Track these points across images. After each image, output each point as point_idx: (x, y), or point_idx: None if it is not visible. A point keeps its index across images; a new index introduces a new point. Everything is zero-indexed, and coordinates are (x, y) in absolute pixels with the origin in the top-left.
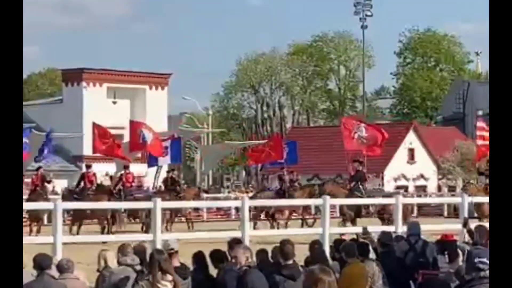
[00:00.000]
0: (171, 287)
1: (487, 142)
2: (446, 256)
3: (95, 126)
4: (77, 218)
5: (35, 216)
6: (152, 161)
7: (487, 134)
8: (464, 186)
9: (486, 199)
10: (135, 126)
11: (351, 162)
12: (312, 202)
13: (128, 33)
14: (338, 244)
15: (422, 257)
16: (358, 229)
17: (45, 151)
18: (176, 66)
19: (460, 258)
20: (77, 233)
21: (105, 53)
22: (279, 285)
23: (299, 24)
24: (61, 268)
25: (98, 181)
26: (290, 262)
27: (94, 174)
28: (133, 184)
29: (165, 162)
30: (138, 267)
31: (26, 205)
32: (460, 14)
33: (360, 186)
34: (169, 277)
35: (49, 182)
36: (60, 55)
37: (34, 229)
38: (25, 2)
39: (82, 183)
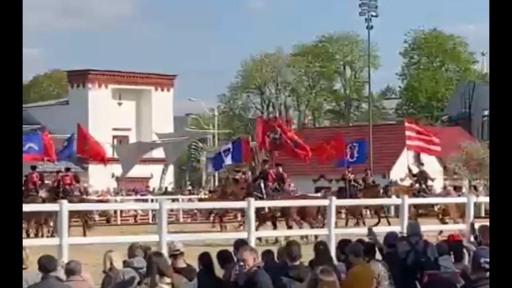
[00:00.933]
0: None
1: (416, 143)
2: (452, 256)
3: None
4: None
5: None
6: (217, 163)
7: (413, 134)
8: (387, 186)
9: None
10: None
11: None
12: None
13: (133, 35)
14: (343, 245)
15: (423, 257)
16: (364, 230)
17: (65, 154)
18: (182, 67)
19: (466, 258)
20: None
21: (110, 54)
22: (286, 287)
23: (304, 24)
24: (69, 271)
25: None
26: (297, 263)
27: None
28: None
29: (228, 162)
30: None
31: (29, 207)
32: (465, 14)
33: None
34: (167, 279)
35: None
36: (65, 57)
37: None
38: (29, 6)
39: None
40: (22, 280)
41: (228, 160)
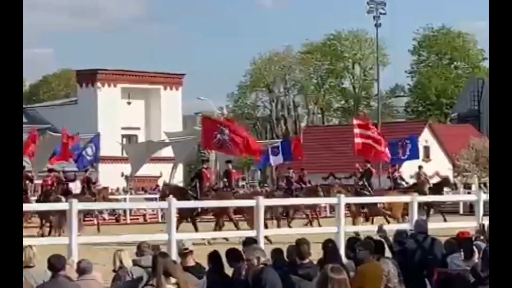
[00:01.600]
0: None
1: (364, 140)
2: (462, 253)
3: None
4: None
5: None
6: (265, 160)
7: (362, 131)
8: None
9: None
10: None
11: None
12: (325, 201)
13: (142, 34)
14: (352, 242)
15: (430, 254)
16: (374, 228)
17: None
18: (190, 66)
19: (476, 255)
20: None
21: (119, 54)
22: (295, 285)
23: (312, 23)
24: (81, 270)
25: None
26: (306, 261)
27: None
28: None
29: (278, 160)
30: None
31: (40, 206)
32: (474, 11)
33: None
34: (173, 280)
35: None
36: (74, 57)
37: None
38: (44, 6)
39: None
40: (26, 279)
41: (278, 159)
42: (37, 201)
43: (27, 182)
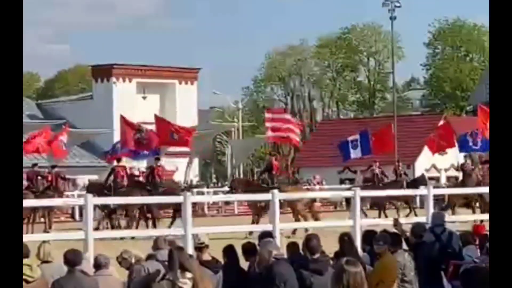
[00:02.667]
0: (190, 284)
1: (275, 134)
2: (477, 247)
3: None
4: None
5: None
6: (345, 155)
7: (273, 124)
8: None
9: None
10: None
11: None
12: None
13: (157, 30)
14: (368, 236)
15: (448, 247)
16: (389, 221)
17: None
18: (206, 60)
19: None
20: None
21: (135, 50)
22: (306, 280)
23: (328, 16)
24: (98, 265)
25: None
26: (317, 256)
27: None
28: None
29: (357, 154)
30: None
31: (56, 201)
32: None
33: None
34: (189, 274)
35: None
36: (90, 52)
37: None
38: (56, 3)
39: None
40: (43, 274)
41: (357, 153)
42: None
43: (59, 180)
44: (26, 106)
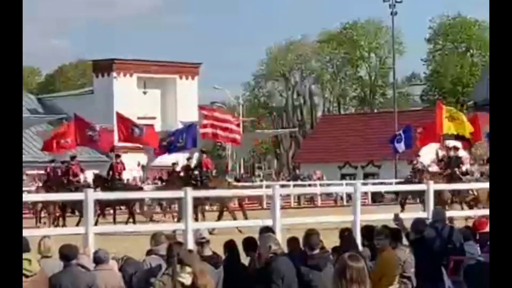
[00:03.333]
0: (190, 279)
1: (211, 130)
2: (477, 243)
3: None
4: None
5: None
6: (408, 144)
7: (210, 122)
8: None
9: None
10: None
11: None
12: (342, 189)
13: (158, 25)
14: (367, 231)
15: (449, 243)
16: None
17: (188, 144)
18: (206, 55)
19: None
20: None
21: (136, 44)
22: (304, 276)
23: (328, 12)
24: (98, 260)
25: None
26: (316, 252)
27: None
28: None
29: (401, 148)
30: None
31: (59, 196)
32: None
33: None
34: (188, 269)
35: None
36: (90, 47)
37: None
38: None
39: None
40: (43, 269)
41: (401, 146)
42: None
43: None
44: (27, 101)
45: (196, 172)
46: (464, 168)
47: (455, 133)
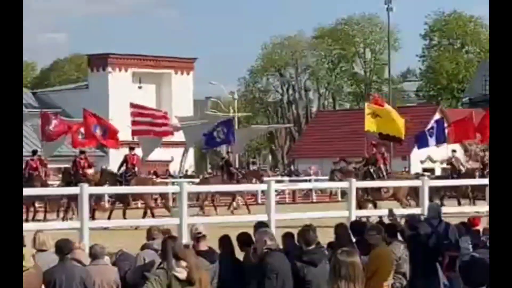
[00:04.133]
0: (185, 273)
1: (140, 127)
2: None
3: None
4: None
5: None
6: (421, 142)
7: (138, 119)
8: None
9: None
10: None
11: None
12: (335, 185)
13: (153, 19)
14: (355, 226)
15: (445, 239)
16: (383, 212)
17: (230, 138)
18: (201, 51)
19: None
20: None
21: (132, 39)
22: (299, 271)
23: (324, 7)
24: (94, 255)
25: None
26: (312, 247)
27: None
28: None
29: (432, 142)
30: None
31: (49, 190)
32: None
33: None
34: (183, 263)
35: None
36: (87, 41)
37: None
38: None
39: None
40: (38, 262)
41: (432, 141)
42: None
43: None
44: (22, 95)
45: (123, 169)
46: (381, 166)
47: (376, 131)
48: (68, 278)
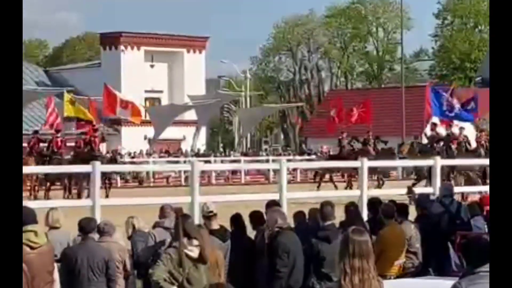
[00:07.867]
0: (197, 252)
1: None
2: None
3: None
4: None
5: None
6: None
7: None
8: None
9: None
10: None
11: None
12: (346, 164)
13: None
14: (371, 204)
15: (457, 218)
16: (396, 191)
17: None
18: (214, 29)
19: None
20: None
21: (144, 17)
22: (314, 248)
23: None
24: (101, 232)
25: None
26: (329, 223)
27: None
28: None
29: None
30: None
31: (62, 168)
32: None
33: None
34: (195, 242)
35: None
36: (100, 20)
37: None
38: None
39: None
40: (51, 240)
41: (470, 116)
42: None
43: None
44: (34, 73)
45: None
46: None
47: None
48: (90, 257)
